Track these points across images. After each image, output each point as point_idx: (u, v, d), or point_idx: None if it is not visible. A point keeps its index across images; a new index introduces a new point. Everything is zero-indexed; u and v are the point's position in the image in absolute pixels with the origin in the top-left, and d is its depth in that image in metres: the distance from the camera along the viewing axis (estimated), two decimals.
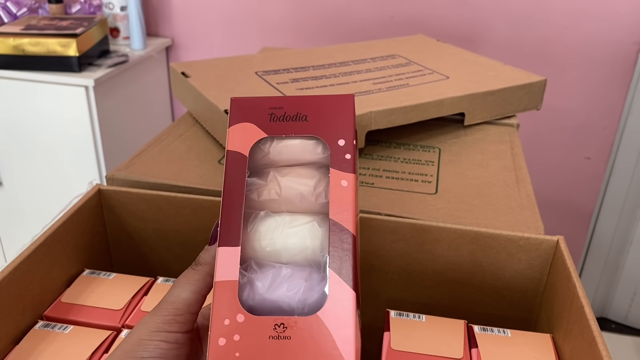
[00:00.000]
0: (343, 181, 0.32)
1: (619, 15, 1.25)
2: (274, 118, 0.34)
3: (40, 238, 0.47)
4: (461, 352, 0.42)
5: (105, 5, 1.42)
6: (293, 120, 0.34)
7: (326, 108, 0.34)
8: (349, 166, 0.33)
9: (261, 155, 0.34)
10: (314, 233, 0.32)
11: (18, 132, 1.29)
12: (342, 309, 0.29)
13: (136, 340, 0.31)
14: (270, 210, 0.33)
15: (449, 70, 0.79)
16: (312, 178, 0.34)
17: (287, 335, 0.29)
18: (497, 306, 0.53)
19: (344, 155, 0.33)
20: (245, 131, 0.34)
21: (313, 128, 0.34)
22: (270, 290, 0.31)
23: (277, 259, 0.32)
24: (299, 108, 0.34)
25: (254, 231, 0.32)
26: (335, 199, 0.32)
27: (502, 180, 0.62)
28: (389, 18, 1.39)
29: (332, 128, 0.34)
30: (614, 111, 1.34)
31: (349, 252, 0.30)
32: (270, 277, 0.31)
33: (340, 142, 0.33)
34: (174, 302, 0.32)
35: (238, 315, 0.29)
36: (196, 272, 0.33)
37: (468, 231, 0.50)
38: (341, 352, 0.28)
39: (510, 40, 1.34)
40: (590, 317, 0.40)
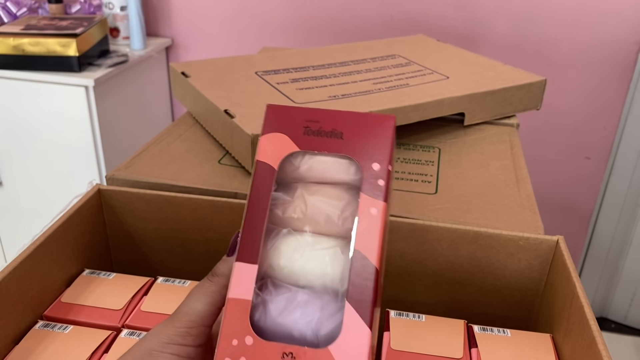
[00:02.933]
0: (372, 209, 0.30)
1: (619, 15, 1.25)
2: (308, 132, 0.32)
3: (40, 238, 0.47)
4: (461, 352, 0.42)
5: (105, 5, 1.42)
6: (328, 136, 0.32)
7: (364, 127, 0.32)
8: (380, 193, 0.31)
9: (291, 169, 0.33)
10: (335, 259, 0.31)
11: (18, 132, 1.29)
12: (355, 347, 0.28)
13: (147, 350, 0.30)
14: (293, 228, 0.32)
15: (449, 70, 0.79)
16: (340, 200, 0.32)
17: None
18: (497, 306, 0.53)
19: (376, 180, 0.31)
20: (278, 142, 0.32)
21: (348, 147, 0.32)
22: (283, 315, 0.29)
23: (295, 281, 0.31)
24: (335, 124, 0.32)
25: (273, 248, 0.31)
26: (362, 227, 0.30)
27: (502, 180, 0.62)
28: (389, 18, 1.39)
29: (367, 149, 0.31)
30: (613, 111, 1.34)
31: (370, 287, 0.29)
32: (285, 301, 0.30)
33: (375, 166, 0.31)
34: (188, 313, 0.31)
35: (247, 337, 0.28)
36: (212, 283, 0.32)
37: (468, 231, 0.50)
38: None
39: (510, 40, 1.34)
40: (590, 317, 0.40)
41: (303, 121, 0.32)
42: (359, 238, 0.30)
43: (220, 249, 0.56)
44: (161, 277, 0.50)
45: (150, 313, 0.46)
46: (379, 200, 0.30)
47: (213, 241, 0.55)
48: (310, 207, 0.32)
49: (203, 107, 0.68)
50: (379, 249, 0.29)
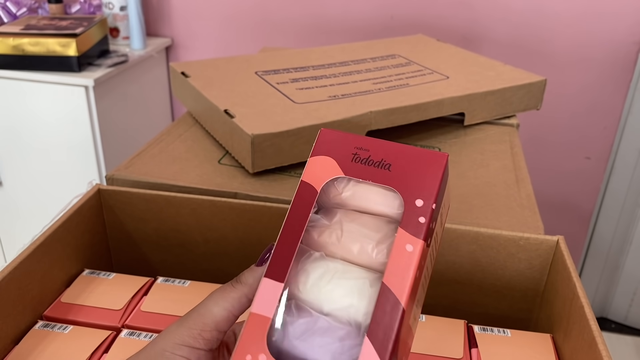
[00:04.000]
0: (408, 245, 0.29)
1: (619, 15, 1.25)
2: (357, 159, 0.32)
3: (40, 238, 0.47)
4: (461, 352, 0.42)
5: (105, 5, 1.42)
6: (376, 166, 0.32)
7: (414, 162, 0.31)
8: (420, 231, 0.29)
9: (334, 193, 0.33)
10: (363, 292, 0.30)
11: (18, 132, 1.29)
12: None
13: (160, 350, 0.30)
14: (326, 253, 0.32)
15: (448, 70, 0.79)
16: (378, 231, 0.31)
17: None
18: (497, 306, 0.53)
19: (417, 217, 0.30)
20: (325, 165, 0.32)
21: (394, 179, 0.31)
22: (301, 339, 0.29)
23: (319, 307, 0.30)
24: (385, 154, 0.32)
25: (303, 270, 0.31)
26: (395, 263, 0.29)
27: (502, 180, 0.62)
28: (389, 18, 1.39)
29: (414, 184, 0.31)
30: (614, 111, 1.34)
31: (393, 327, 0.27)
32: (305, 325, 0.29)
33: (418, 203, 0.30)
34: (204, 315, 0.31)
35: (261, 355, 0.28)
36: (234, 289, 0.31)
37: (468, 231, 0.50)
38: None
39: (510, 40, 1.34)
40: (590, 317, 0.40)
41: (353, 148, 0.32)
42: (389, 273, 0.29)
43: (220, 249, 0.56)
44: (161, 277, 0.50)
45: (150, 313, 0.46)
46: (416, 238, 0.29)
47: (213, 241, 0.55)
48: (346, 234, 0.31)
49: (203, 107, 0.68)
50: (409, 288, 0.28)
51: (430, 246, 0.31)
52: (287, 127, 0.58)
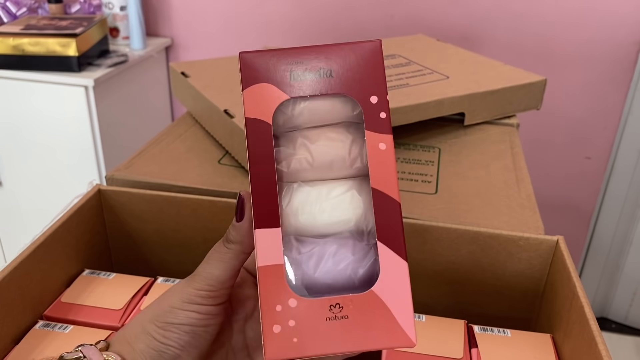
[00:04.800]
0: (381, 144, 0.29)
1: (619, 15, 1.25)
2: (294, 76, 0.30)
3: (40, 238, 0.47)
4: (461, 352, 0.42)
5: (104, 5, 1.42)
6: (317, 76, 0.30)
7: (352, 59, 0.30)
8: (385, 126, 0.29)
9: (283, 118, 0.31)
10: (355, 203, 0.30)
11: (18, 132, 1.29)
12: (397, 283, 0.29)
13: (168, 307, 0.31)
14: (302, 180, 0.31)
15: (449, 70, 0.79)
16: (344, 141, 0.31)
17: (345, 314, 0.28)
18: (497, 306, 0.53)
19: (378, 114, 0.30)
20: (264, 93, 0.30)
21: (340, 84, 0.30)
22: (319, 270, 0.29)
23: (318, 233, 0.30)
24: (321, 62, 0.30)
25: (289, 206, 0.30)
26: (376, 166, 0.29)
27: (502, 180, 0.62)
28: (389, 18, 1.39)
29: (362, 82, 0.30)
30: (614, 111, 1.34)
31: (397, 222, 0.29)
32: (316, 256, 0.30)
33: (373, 99, 0.30)
34: (208, 278, 0.31)
35: (290, 300, 0.28)
36: (229, 250, 0.32)
37: (468, 231, 0.50)
38: (402, 326, 0.28)
39: (511, 40, 1.34)
40: (590, 317, 0.40)
41: (285, 65, 0.30)
42: (375, 176, 0.29)
43: None
44: (161, 277, 0.50)
45: None
46: (385, 134, 0.29)
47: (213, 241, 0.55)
48: (316, 156, 0.31)
49: (203, 107, 0.68)
50: (397, 184, 0.29)
51: None
52: None
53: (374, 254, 0.30)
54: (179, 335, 0.31)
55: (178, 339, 0.31)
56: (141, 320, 0.32)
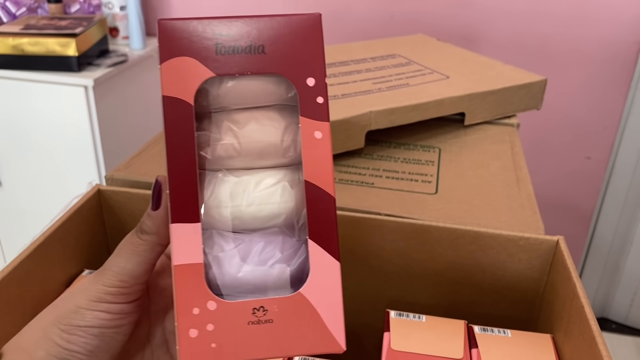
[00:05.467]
0: (317, 132, 0.26)
1: (619, 14, 1.25)
2: (221, 49, 0.26)
3: (40, 238, 0.47)
4: (461, 352, 0.42)
5: (104, 4, 1.42)
6: (247, 52, 0.27)
7: (288, 33, 0.27)
8: (322, 113, 0.27)
9: (208, 98, 0.27)
10: (285, 196, 0.27)
11: (17, 132, 1.29)
12: (327, 284, 0.26)
13: (73, 307, 0.27)
14: (227, 168, 0.28)
15: (449, 70, 0.79)
16: (276, 127, 0.28)
17: (269, 318, 0.26)
18: (497, 306, 0.53)
19: (315, 98, 0.27)
20: (185, 69, 0.26)
21: (273, 62, 0.26)
22: (243, 269, 0.27)
23: (245, 228, 0.27)
24: (253, 36, 0.27)
25: (212, 198, 0.27)
26: (310, 156, 0.26)
27: (502, 180, 0.62)
28: (389, 18, 1.39)
29: (297, 62, 0.27)
30: (614, 111, 1.34)
31: (331, 219, 0.26)
32: (240, 254, 0.27)
33: (310, 82, 0.27)
34: (120, 273, 0.28)
35: (209, 303, 0.26)
36: (143, 242, 0.29)
37: (468, 231, 0.50)
38: (331, 331, 0.26)
39: (511, 40, 1.34)
40: (591, 317, 0.39)
41: (212, 37, 0.27)
42: (308, 169, 0.26)
43: None
44: None
45: None
46: (322, 122, 0.27)
47: None
48: (244, 142, 0.27)
49: None
50: (332, 176, 0.27)
51: None
52: None
53: (304, 251, 0.27)
54: (86, 340, 0.27)
55: (85, 343, 0.27)
56: (42, 324, 0.28)
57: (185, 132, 0.26)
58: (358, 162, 0.66)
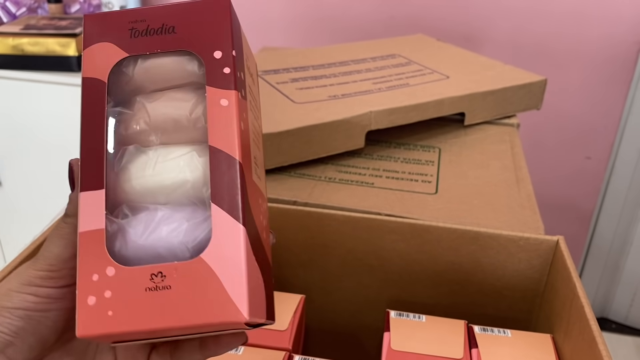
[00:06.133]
0: (223, 100, 0.27)
1: (619, 14, 1.25)
2: (135, 33, 0.29)
3: (40, 238, 0.47)
4: (461, 352, 0.42)
5: (104, 4, 1.41)
6: (158, 33, 0.28)
7: (197, 16, 0.29)
8: (228, 82, 0.27)
9: (125, 80, 0.29)
10: (193, 164, 0.28)
11: (17, 132, 1.29)
12: (229, 248, 0.25)
13: (5, 290, 0.29)
14: (141, 144, 0.29)
15: (449, 70, 0.79)
16: (187, 101, 0.29)
17: (167, 284, 0.25)
18: (497, 306, 0.53)
19: (221, 69, 0.28)
20: (103, 52, 0.29)
21: (183, 41, 0.28)
22: (145, 236, 0.26)
23: (153, 199, 0.28)
24: (164, 19, 0.29)
25: (123, 170, 0.28)
26: (215, 122, 0.27)
27: (502, 180, 0.62)
28: (389, 18, 1.39)
29: (205, 38, 0.28)
30: (614, 111, 1.34)
31: (235, 181, 0.26)
32: (144, 222, 0.27)
33: (217, 54, 0.28)
34: (48, 257, 0.29)
35: (108, 269, 0.25)
36: (66, 225, 0.29)
37: (468, 231, 0.50)
38: (231, 296, 0.24)
39: (511, 40, 1.34)
40: (591, 317, 0.39)
41: (127, 24, 0.29)
42: (213, 134, 0.27)
43: None
44: None
45: None
46: (228, 90, 0.27)
47: None
48: (154, 116, 0.29)
49: None
50: (238, 140, 0.27)
51: (246, 98, 0.29)
52: (287, 127, 0.58)
53: None
54: (11, 321, 0.28)
55: (9, 324, 0.28)
56: None
57: (98, 108, 0.28)
58: (358, 162, 0.66)
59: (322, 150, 0.62)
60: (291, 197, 0.57)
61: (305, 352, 0.46)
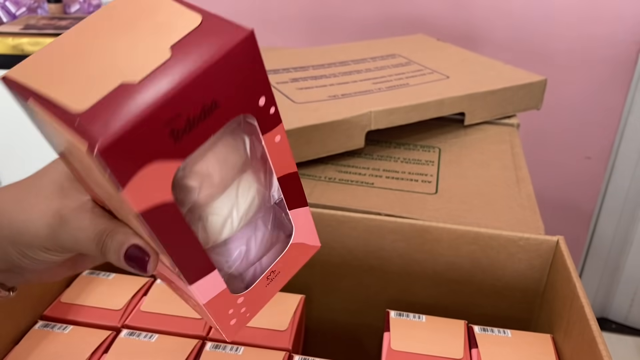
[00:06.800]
0: (276, 137, 0.27)
1: (620, 15, 1.25)
2: (176, 133, 0.22)
3: None
4: (461, 352, 0.42)
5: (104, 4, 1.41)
6: (202, 119, 0.23)
7: (231, 72, 0.24)
8: (275, 119, 0.27)
9: (191, 196, 0.26)
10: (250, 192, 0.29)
11: (17, 132, 1.29)
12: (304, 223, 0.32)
13: (58, 183, 0.31)
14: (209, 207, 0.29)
15: (449, 70, 0.79)
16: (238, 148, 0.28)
17: (278, 272, 0.32)
18: (497, 306, 0.53)
19: (268, 112, 0.26)
20: (152, 179, 0.23)
21: (230, 109, 0.24)
22: (248, 260, 0.31)
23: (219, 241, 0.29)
24: (201, 99, 0.23)
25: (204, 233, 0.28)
26: (276, 157, 0.28)
27: (502, 180, 0.62)
28: (389, 18, 1.39)
29: (247, 92, 0.24)
30: (614, 110, 1.34)
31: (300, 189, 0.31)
32: (239, 252, 0.30)
33: (261, 102, 0.25)
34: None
35: (238, 300, 0.30)
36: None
37: (468, 231, 0.50)
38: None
39: (511, 40, 1.34)
40: (591, 317, 0.39)
41: (160, 125, 0.22)
42: (279, 166, 0.28)
43: None
44: None
45: (149, 313, 0.45)
46: (277, 127, 0.27)
47: None
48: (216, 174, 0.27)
49: None
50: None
51: None
52: (287, 127, 0.58)
53: (275, 210, 0.31)
54: (34, 266, 0.30)
55: (30, 270, 0.30)
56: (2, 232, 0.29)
57: (177, 232, 0.25)
58: (358, 162, 0.66)
59: (322, 150, 0.62)
60: None
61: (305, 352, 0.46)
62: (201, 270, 0.27)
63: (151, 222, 0.24)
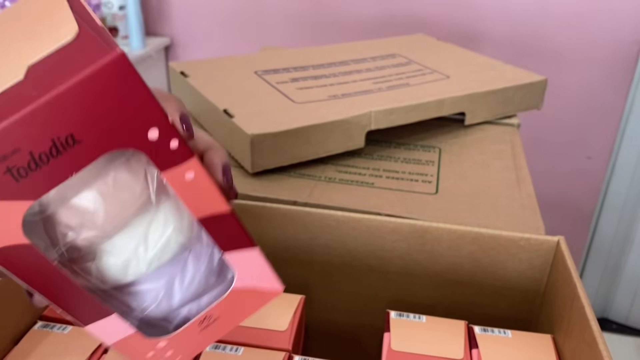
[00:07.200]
0: (187, 174, 0.23)
1: (620, 14, 1.25)
2: (18, 173, 0.19)
3: None
4: (461, 352, 0.42)
5: (103, 4, 1.41)
6: (56, 155, 0.19)
7: (95, 100, 0.19)
8: (183, 153, 0.22)
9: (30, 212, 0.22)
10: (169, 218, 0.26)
11: None
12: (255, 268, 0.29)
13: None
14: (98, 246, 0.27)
15: (449, 70, 0.78)
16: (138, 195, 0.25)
17: (216, 317, 0.29)
18: (497, 307, 0.53)
19: (167, 146, 0.22)
20: None
21: (95, 147, 0.20)
22: (173, 300, 0.28)
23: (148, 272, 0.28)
24: (46, 129, 0.19)
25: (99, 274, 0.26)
26: (190, 199, 0.24)
27: (502, 180, 0.62)
28: (389, 18, 1.39)
29: (124, 124, 0.20)
30: (614, 110, 1.34)
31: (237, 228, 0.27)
32: (163, 291, 0.28)
33: (153, 134, 0.21)
34: None
35: (159, 344, 0.28)
36: None
37: (468, 231, 0.50)
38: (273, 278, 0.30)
39: (511, 40, 1.33)
40: (591, 318, 0.39)
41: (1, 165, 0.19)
42: (196, 208, 0.25)
43: None
44: None
45: None
46: (187, 161, 0.22)
47: None
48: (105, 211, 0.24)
49: (202, 106, 0.68)
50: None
51: None
52: (287, 127, 0.58)
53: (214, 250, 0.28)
54: None
55: None
56: None
57: (44, 270, 0.22)
58: (358, 162, 0.66)
59: (322, 150, 0.62)
60: (291, 197, 0.57)
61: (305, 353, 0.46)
62: (94, 313, 0.25)
63: (6, 263, 0.21)
